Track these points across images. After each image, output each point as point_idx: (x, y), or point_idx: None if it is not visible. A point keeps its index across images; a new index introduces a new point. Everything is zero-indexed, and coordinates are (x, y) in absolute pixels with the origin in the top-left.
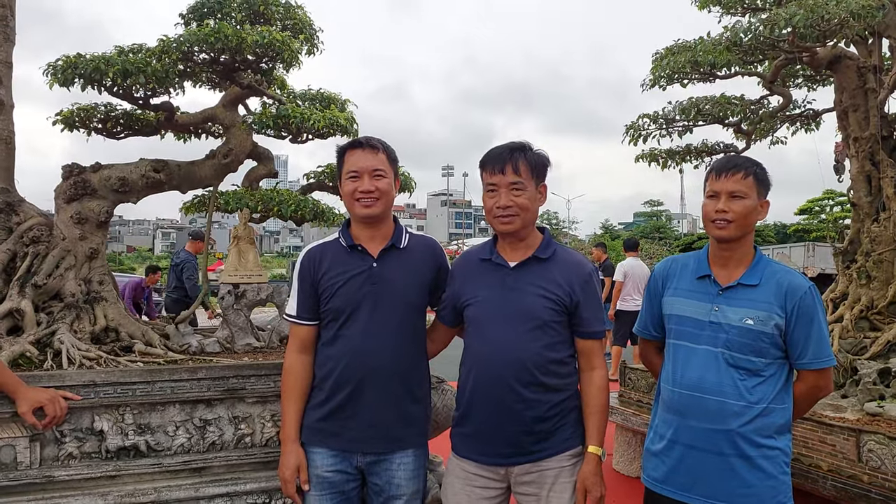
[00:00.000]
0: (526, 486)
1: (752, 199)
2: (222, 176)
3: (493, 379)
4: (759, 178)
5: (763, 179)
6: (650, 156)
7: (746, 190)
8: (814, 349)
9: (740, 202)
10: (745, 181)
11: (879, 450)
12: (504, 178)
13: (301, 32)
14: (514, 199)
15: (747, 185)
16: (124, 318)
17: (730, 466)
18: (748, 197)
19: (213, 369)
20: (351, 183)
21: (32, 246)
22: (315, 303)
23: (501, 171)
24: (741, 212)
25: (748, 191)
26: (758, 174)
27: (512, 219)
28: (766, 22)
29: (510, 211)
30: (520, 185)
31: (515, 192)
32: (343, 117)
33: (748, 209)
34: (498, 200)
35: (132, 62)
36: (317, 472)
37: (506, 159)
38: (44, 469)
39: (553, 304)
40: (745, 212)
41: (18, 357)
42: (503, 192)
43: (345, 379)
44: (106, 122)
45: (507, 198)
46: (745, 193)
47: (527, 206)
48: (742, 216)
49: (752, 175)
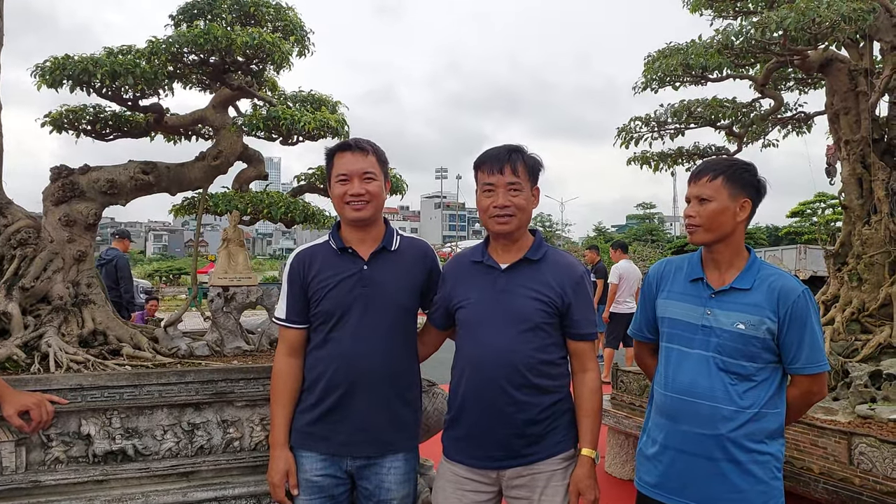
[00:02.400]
0: (517, 489)
1: (719, 201)
2: (212, 178)
3: (485, 381)
4: (732, 178)
5: (738, 180)
6: (642, 158)
7: (712, 193)
8: (807, 354)
9: (706, 206)
10: (710, 184)
11: (871, 452)
12: (502, 178)
13: (292, 34)
14: (511, 199)
15: (713, 187)
16: (112, 321)
17: (720, 471)
18: (714, 200)
19: (201, 373)
20: (340, 186)
21: (20, 248)
22: (305, 306)
23: (500, 171)
24: (706, 215)
25: (714, 194)
26: (730, 176)
27: (509, 219)
28: (757, 25)
29: (508, 211)
30: (517, 185)
31: (513, 193)
32: (334, 119)
33: (713, 212)
34: (495, 200)
35: (120, 63)
36: (306, 477)
37: (504, 160)
38: (30, 474)
39: (545, 306)
40: (711, 215)
41: (5, 360)
42: (501, 192)
43: (335, 382)
44: (95, 123)
45: (505, 198)
46: (710, 196)
47: (523, 206)
48: (707, 219)
49: (720, 177)
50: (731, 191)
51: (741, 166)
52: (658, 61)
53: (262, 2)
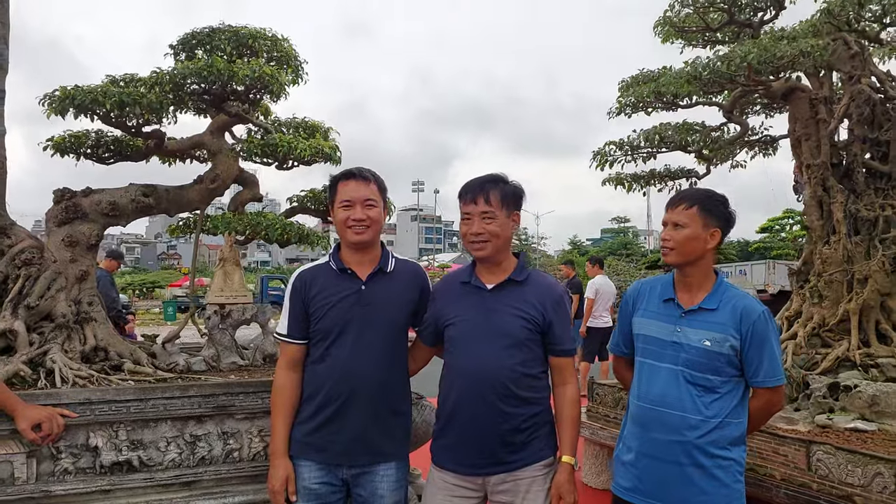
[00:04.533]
0: (502, 494)
1: (692, 228)
2: (209, 200)
3: (472, 393)
4: (706, 208)
5: (711, 210)
6: (616, 179)
7: (687, 220)
8: (766, 369)
9: (680, 231)
10: (686, 212)
11: (827, 459)
12: (476, 208)
13: (287, 64)
14: (485, 226)
15: (688, 215)
16: (113, 337)
17: (687, 475)
18: (688, 227)
19: (203, 387)
20: (344, 211)
21: (24, 268)
22: (305, 322)
23: (474, 202)
24: (680, 240)
25: (689, 221)
26: (705, 205)
27: (484, 244)
28: (723, 58)
29: (482, 237)
30: (490, 213)
31: (487, 220)
32: (327, 146)
33: (687, 238)
34: (471, 227)
35: (128, 94)
36: (304, 485)
37: (477, 192)
38: (40, 484)
39: (528, 324)
40: (684, 240)
41: (12, 376)
42: (476, 220)
43: (332, 396)
44: (97, 148)
45: (479, 225)
46: (685, 223)
47: (497, 232)
48: (681, 244)
49: (695, 206)
50: (704, 220)
51: (716, 199)
52: (631, 88)
53: (259, 34)
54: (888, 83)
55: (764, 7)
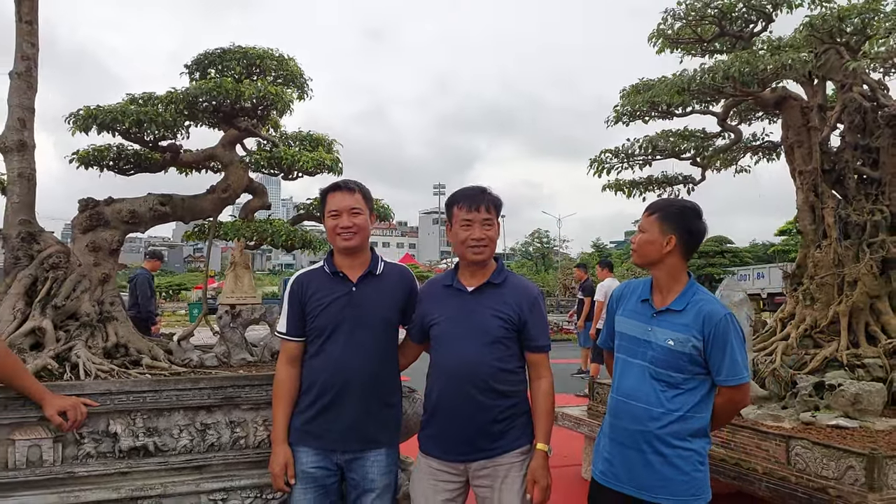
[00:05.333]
0: (482, 479)
1: (651, 234)
2: (221, 208)
3: (454, 387)
4: (664, 217)
5: (669, 218)
6: (615, 186)
7: (647, 226)
8: (728, 368)
9: (641, 235)
10: (647, 219)
11: (805, 453)
12: (478, 215)
13: (293, 82)
14: (486, 232)
15: (649, 222)
16: (133, 335)
17: (649, 462)
18: (647, 232)
19: (212, 380)
20: (332, 220)
21: (52, 271)
22: (302, 322)
23: (476, 209)
24: (640, 243)
25: (649, 227)
26: (664, 214)
27: (483, 249)
28: (707, 72)
29: (483, 242)
30: (490, 220)
31: (487, 227)
32: (329, 158)
33: (645, 241)
34: (472, 233)
35: (145, 112)
36: (302, 468)
37: (479, 199)
38: (65, 466)
39: (504, 323)
40: (643, 243)
41: (41, 370)
42: (477, 227)
43: (327, 387)
44: (118, 160)
45: (481, 231)
46: (646, 229)
47: (494, 238)
48: (640, 246)
49: (656, 214)
50: (661, 227)
51: (677, 208)
52: (630, 96)
53: (266, 54)
54: (879, 91)
55: (754, 19)
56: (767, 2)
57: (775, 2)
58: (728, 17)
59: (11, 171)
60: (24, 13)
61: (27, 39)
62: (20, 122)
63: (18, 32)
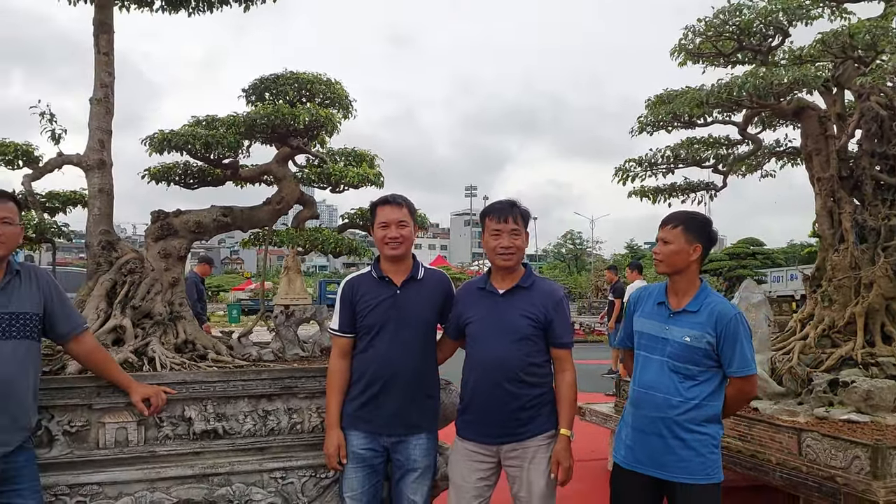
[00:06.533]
0: (512, 459)
1: (677, 244)
2: (276, 218)
3: (488, 378)
4: (689, 228)
5: (692, 229)
6: (641, 192)
7: (672, 238)
8: (738, 361)
9: (666, 247)
10: (672, 231)
11: (815, 445)
12: (507, 226)
13: (339, 104)
14: (513, 241)
15: (674, 234)
16: (199, 332)
17: (669, 446)
18: (673, 243)
19: (272, 371)
20: (381, 230)
21: (129, 276)
22: (353, 320)
23: (504, 221)
24: (667, 253)
25: (673, 239)
26: (688, 226)
27: (511, 256)
28: (724, 87)
29: (511, 250)
30: (517, 231)
31: (514, 236)
32: (372, 173)
33: (672, 252)
34: (501, 242)
35: (213, 136)
36: (353, 450)
37: (508, 212)
38: (147, 446)
39: (532, 322)
40: (669, 253)
41: (122, 363)
42: (505, 236)
43: (375, 379)
44: (185, 176)
45: (509, 240)
46: (670, 240)
47: (522, 247)
48: (667, 256)
49: (680, 226)
50: (687, 237)
51: (697, 220)
52: (656, 106)
53: (316, 79)
54: None
55: (771, 34)
56: (784, 17)
57: (791, 17)
58: (746, 32)
59: (92, 186)
60: (102, 46)
61: (105, 69)
62: (100, 143)
63: (97, 63)
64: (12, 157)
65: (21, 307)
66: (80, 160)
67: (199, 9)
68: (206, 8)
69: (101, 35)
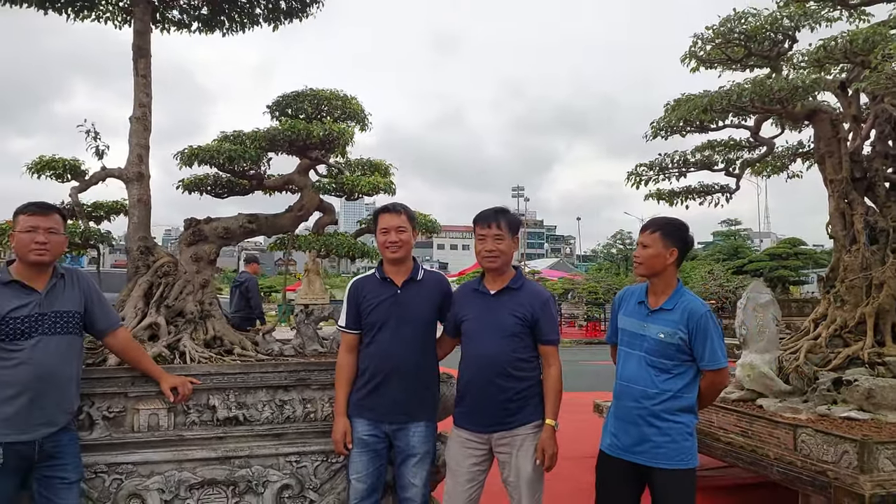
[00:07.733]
0: (502, 447)
1: (654, 248)
2: (297, 225)
3: (479, 372)
4: (666, 233)
5: (670, 234)
6: (657, 195)
7: (650, 242)
8: (709, 356)
9: (645, 250)
10: (650, 236)
11: (809, 440)
12: (490, 231)
13: (354, 118)
14: (496, 245)
15: (652, 238)
16: (227, 329)
17: (644, 434)
18: (651, 247)
19: (289, 365)
20: (382, 236)
21: (164, 278)
22: (358, 317)
23: (489, 226)
24: (645, 256)
25: (652, 243)
26: (665, 230)
27: (495, 259)
28: (726, 94)
29: (494, 253)
30: (501, 236)
31: (498, 241)
32: (384, 182)
33: (650, 255)
34: (486, 245)
35: (235, 150)
36: (357, 436)
37: (492, 219)
38: (176, 430)
39: (520, 321)
40: (648, 257)
41: (157, 356)
42: (489, 240)
43: (378, 371)
44: (215, 187)
45: (493, 244)
46: (649, 244)
47: (504, 250)
48: (646, 260)
49: (658, 231)
50: (664, 242)
51: (674, 225)
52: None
53: (333, 95)
54: None
55: (780, 39)
56: (790, 23)
57: (798, 23)
58: (753, 38)
59: (132, 196)
60: (140, 69)
61: (143, 90)
62: (139, 157)
63: (136, 85)
64: (61, 172)
65: (64, 306)
66: (121, 173)
67: (233, 29)
68: (239, 28)
69: (139, 59)
